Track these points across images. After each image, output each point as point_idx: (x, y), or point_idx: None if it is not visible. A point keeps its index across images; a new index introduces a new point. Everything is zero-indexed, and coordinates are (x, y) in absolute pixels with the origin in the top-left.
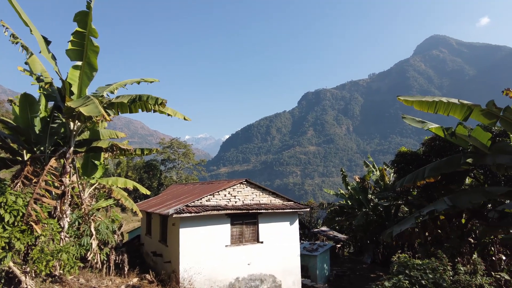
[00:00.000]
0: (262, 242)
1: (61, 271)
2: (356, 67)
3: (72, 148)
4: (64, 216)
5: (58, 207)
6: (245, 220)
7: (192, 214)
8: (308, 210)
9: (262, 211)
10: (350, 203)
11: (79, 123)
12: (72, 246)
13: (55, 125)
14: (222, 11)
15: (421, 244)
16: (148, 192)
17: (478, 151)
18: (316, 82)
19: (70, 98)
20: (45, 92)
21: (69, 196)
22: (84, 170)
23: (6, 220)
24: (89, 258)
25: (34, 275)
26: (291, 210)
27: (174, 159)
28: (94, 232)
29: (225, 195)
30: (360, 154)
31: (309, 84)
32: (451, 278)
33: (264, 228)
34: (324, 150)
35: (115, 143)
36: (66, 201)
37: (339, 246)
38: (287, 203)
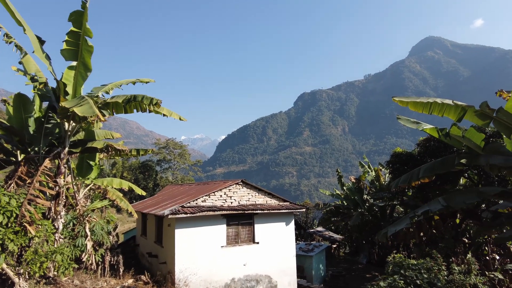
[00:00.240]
0: (258, 243)
1: (55, 273)
2: (351, 68)
3: (66, 149)
4: (59, 217)
5: (53, 208)
6: (241, 221)
7: (188, 215)
8: (304, 210)
9: (258, 211)
10: (345, 204)
11: (74, 124)
12: (67, 247)
13: (49, 125)
14: (221, 11)
15: (416, 244)
16: (144, 193)
17: (472, 152)
18: (312, 83)
19: (64, 98)
20: (39, 92)
21: (63, 197)
22: (79, 170)
23: None
24: (83, 259)
25: (27, 277)
26: (287, 211)
27: (170, 160)
28: (89, 233)
29: (221, 196)
30: (355, 154)
31: (305, 85)
32: (446, 277)
33: (260, 228)
34: (320, 150)
35: (110, 144)
36: (60, 202)
37: (334, 246)
38: (283, 203)
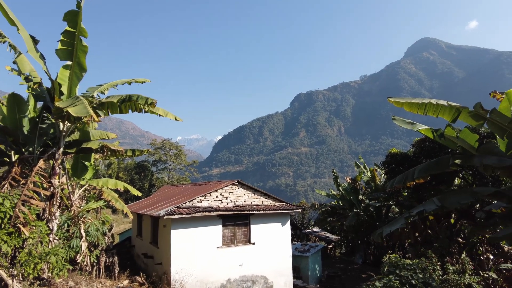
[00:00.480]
0: (254, 243)
1: (49, 274)
2: (347, 69)
3: (61, 149)
4: (53, 218)
5: (47, 209)
6: (236, 221)
7: (184, 216)
8: (300, 211)
9: (254, 212)
10: (341, 204)
11: (68, 124)
12: (61, 248)
13: (44, 125)
14: (217, 11)
15: (411, 244)
16: (139, 194)
17: (466, 152)
18: (308, 83)
19: (59, 98)
20: (34, 92)
21: (58, 198)
22: (74, 171)
23: None
24: (78, 261)
25: (21, 278)
26: (283, 211)
27: (166, 160)
28: (84, 234)
29: (216, 196)
30: (351, 155)
31: (301, 86)
32: (441, 277)
33: (256, 229)
34: (316, 151)
35: (105, 144)
36: (55, 202)
37: (330, 246)
38: (279, 204)
